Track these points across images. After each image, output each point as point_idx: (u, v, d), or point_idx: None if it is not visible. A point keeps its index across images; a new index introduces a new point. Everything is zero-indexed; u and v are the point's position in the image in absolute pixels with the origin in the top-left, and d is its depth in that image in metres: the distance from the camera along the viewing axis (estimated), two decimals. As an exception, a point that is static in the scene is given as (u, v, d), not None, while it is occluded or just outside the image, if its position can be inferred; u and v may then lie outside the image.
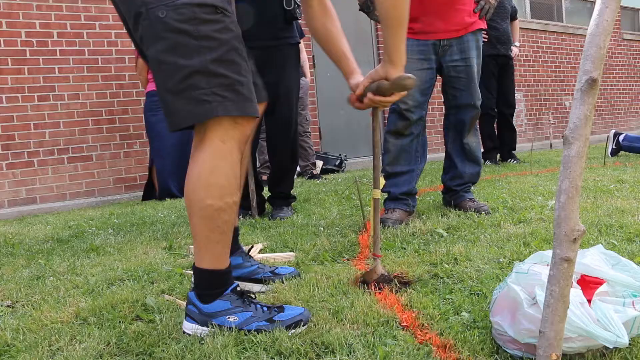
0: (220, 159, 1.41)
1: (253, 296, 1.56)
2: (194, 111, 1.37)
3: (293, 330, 1.44)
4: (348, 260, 2.14)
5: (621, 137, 5.78)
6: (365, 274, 1.83)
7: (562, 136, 1.01)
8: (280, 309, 1.51)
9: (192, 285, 1.52)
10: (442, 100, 3.05)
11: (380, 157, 1.86)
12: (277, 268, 1.93)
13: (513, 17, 6.17)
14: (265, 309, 1.50)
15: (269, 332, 1.42)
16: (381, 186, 1.82)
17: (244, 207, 3.30)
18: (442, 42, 2.80)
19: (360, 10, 3.00)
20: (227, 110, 1.38)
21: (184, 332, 1.49)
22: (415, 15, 2.78)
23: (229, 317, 1.46)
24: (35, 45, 5.11)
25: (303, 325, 1.47)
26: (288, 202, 3.42)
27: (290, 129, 3.27)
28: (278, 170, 3.40)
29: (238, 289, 1.52)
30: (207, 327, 1.47)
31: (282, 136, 3.29)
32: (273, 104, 3.23)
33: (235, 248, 1.84)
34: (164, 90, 1.39)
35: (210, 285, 1.48)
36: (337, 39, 1.79)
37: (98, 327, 1.59)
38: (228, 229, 1.46)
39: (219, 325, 1.46)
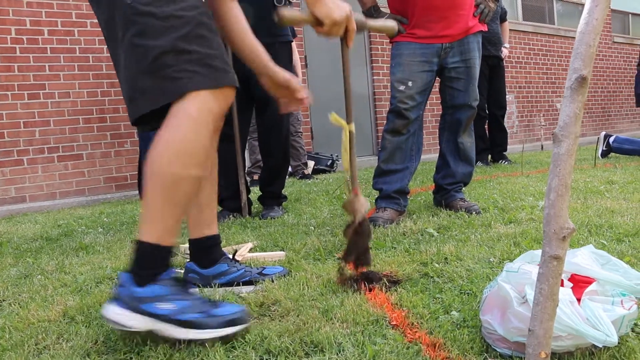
0: (193, 128, 1.38)
1: (191, 286, 1.50)
2: (166, 89, 1.37)
3: (229, 328, 1.37)
4: (339, 258, 2.14)
5: (611, 139, 5.81)
6: (347, 204, 1.79)
7: (552, 134, 1.01)
8: (217, 304, 1.43)
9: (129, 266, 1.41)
10: (435, 100, 3.07)
11: (352, 102, 1.84)
12: (264, 268, 1.91)
13: (503, 19, 6.21)
14: (202, 301, 1.42)
15: (258, 330, 1.41)
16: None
17: (232, 208, 3.29)
18: (445, 45, 2.82)
19: (364, 15, 3.01)
20: (198, 84, 1.38)
21: (104, 317, 1.37)
22: (418, 22, 2.80)
23: (162, 304, 1.36)
24: (25, 42, 5.08)
25: (239, 325, 1.38)
26: (279, 202, 3.41)
27: (282, 128, 3.26)
28: (270, 170, 3.39)
29: (176, 276, 1.43)
30: (136, 313, 1.35)
31: (273, 136, 3.28)
32: (265, 103, 3.23)
33: (219, 255, 1.82)
34: (138, 72, 1.39)
35: (150, 262, 1.39)
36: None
37: (85, 326, 1.57)
38: (185, 202, 1.40)
39: (147, 312, 1.35)
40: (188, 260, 1.83)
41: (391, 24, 1.96)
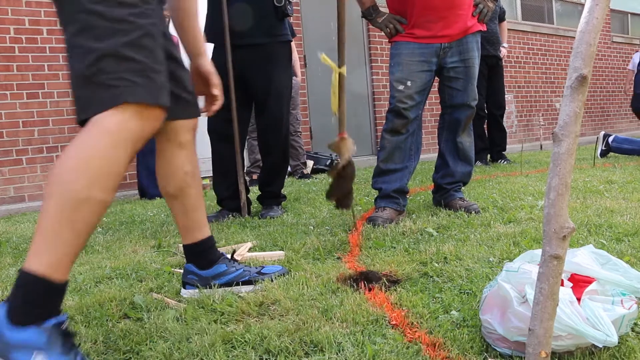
0: (106, 146, 1.22)
1: (78, 343, 1.27)
2: (100, 97, 1.24)
3: None
4: (339, 258, 2.14)
5: (610, 139, 5.81)
6: (333, 145, 1.76)
7: (552, 134, 1.00)
8: None
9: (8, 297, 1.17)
10: (434, 100, 3.07)
11: (345, 47, 1.77)
12: (263, 267, 1.91)
13: (501, 19, 6.22)
14: None
15: (258, 329, 1.41)
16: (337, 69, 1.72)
17: (232, 208, 3.29)
18: (444, 45, 2.82)
19: (362, 16, 3.01)
20: (136, 96, 1.26)
21: None
22: (417, 22, 2.80)
23: (35, 356, 1.12)
24: (24, 42, 5.07)
25: None
26: (278, 201, 3.41)
27: (282, 127, 3.26)
28: (269, 170, 3.39)
29: (64, 326, 1.18)
30: None
31: (273, 135, 3.28)
32: (264, 103, 3.22)
33: (217, 256, 1.81)
34: (74, 75, 1.28)
35: (33, 298, 1.15)
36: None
37: (85, 326, 1.57)
38: (83, 230, 1.20)
39: None
40: (186, 261, 1.83)
41: None
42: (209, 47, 3.11)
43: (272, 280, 1.84)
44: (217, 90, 1.73)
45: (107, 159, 1.22)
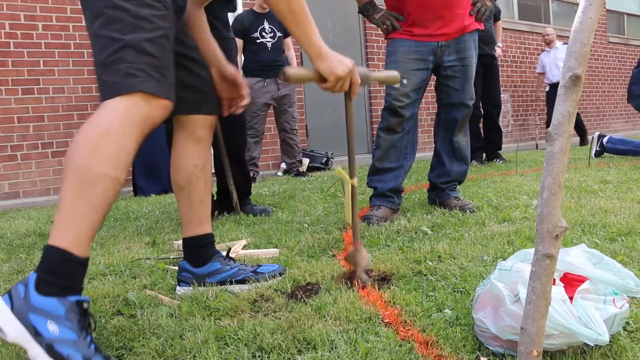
0: (117, 126, 1.31)
1: (93, 327, 1.31)
2: (120, 83, 1.33)
3: None
4: (333, 255, 2.14)
5: (605, 140, 5.82)
6: (349, 257, 1.82)
7: (545, 133, 1.01)
8: (108, 359, 1.25)
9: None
10: (430, 99, 3.07)
11: (355, 156, 1.84)
12: (259, 266, 1.90)
13: (496, 18, 6.23)
14: (94, 347, 1.23)
15: (251, 326, 1.41)
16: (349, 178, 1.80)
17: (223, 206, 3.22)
18: (441, 43, 2.82)
19: (359, 12, 3.01)
20: (151, 88, 1.36)
21: None
22: (415, 20, 2.80)
23: (52, 325, 1.20)
24: (19, 37, 5.05)
25: None
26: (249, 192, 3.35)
27: (238, 120, 3.16)
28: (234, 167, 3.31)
29: (85, 305, 1.26)
30: (19, 321, 1.20)
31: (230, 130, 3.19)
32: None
33: (211, 253, 1.81)
34: (97, 63, 1.38)
35: (56, 269, 1.24)
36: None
37: (78, 322, 1.56)
38: (100, 206, 1.27)
39: (31, 325, 1.19)
40: (182, 258, 1.83)
41: (394, 73, 1.94)
42: None
43: (267, 280, 1.84)
44: (246, 89, 1.86)
45: (118, 137, 1.30)
